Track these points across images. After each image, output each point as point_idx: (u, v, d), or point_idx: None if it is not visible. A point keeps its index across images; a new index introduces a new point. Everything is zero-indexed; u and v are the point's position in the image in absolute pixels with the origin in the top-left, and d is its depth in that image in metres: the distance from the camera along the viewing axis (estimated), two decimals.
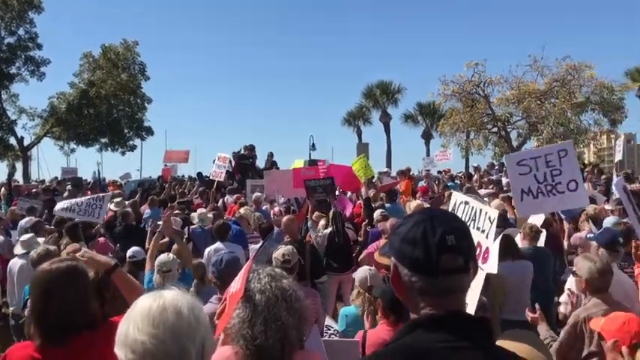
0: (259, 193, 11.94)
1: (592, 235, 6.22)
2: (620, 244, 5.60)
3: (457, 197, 4.44)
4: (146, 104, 37.42)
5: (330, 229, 8.24)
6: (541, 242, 6.73)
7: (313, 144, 29.03)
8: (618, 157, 16.23)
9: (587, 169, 16.53)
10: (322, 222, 8.75)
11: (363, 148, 22.86)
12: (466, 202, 4.22)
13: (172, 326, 1.64)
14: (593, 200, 9.68)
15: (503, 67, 45.28)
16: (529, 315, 4.24)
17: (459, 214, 4.20)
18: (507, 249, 5.72)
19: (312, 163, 15.38)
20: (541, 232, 6.74)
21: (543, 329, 4.01)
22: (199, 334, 1.69)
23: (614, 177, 10.92)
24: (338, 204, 9.78)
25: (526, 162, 6.09)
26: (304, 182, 9.61)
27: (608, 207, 8.64)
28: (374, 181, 14.57)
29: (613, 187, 9.76)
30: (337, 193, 11.56)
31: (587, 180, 14.12)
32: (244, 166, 17.47)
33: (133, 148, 38.24)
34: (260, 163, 18.78)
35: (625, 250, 5.75)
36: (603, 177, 14.76)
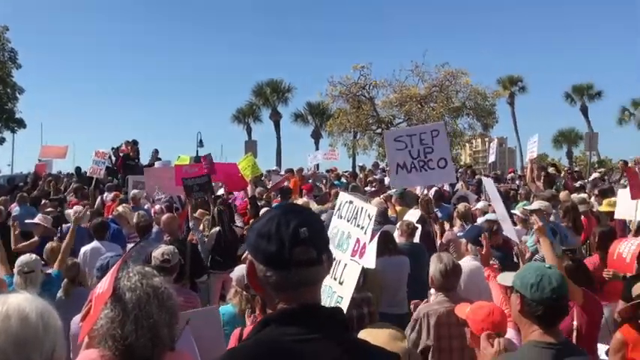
0: (137, 190, 11.46)
1: (461, 232, 6.63)
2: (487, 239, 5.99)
3: (343, 197, 4.56)
4: (17, 94, 34.79)
5: (217, 228, 8.08)
6: (417, 238, 7.06)
7: (201, 140, 28.52)
8: (492, 158, 17.47)
9: (460, 170, 17.60)
10: (206, 220, 8.57)
11: (251, 146, 22.66)
12: (350, 202, 4.34)
13: (16, 335, 1.51)
14: (465, 199, 10.33)
15: (388, 70, 47.17)
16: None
17: (343, 213, 4.31)
18: (385, 245, 5.94)
19: (197, 160, 15.04)
20: (417, 228, 7.06)
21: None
22: (48, 342, 1.56)
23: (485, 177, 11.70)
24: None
25: (402, 138, 6.47)
26: (182, 180, 9.35)
27: (478, 205, 9.22)
28: (262, 179, 14.53)
29: (484, 187, 10.49)
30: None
31: (460, 180, 15.03)
32: (129, 167, 16.60)
33: (1, 141, 35.48)
34: (144, 159, 18.08)
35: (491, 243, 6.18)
36: (476, 177, 15.80)
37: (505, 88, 45.52)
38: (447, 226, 8.46)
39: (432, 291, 4.52)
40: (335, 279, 3.87)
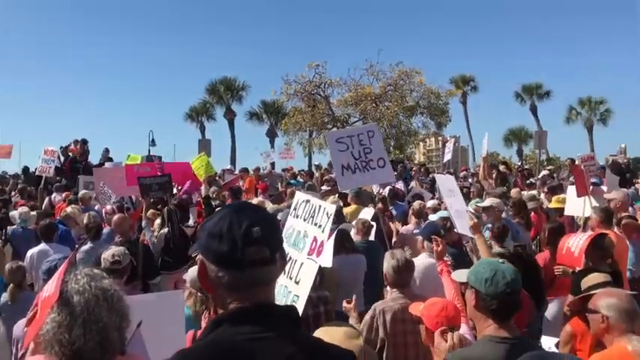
0: (86, 191, 11.13)
1: (417, 229, 6.70)
2: (442, 236, 6.07)
3: (299, 197, 4.53)
4: None
5: (166, 229, 7.90)
6: (372, 236, 7.09)
7: (153, 139, 27.93)
8: (447, 157, 17.80)
9: (414, 169, 17.85)
10: (158, 221, 8.37)
11: (205, 145, 22.37)
12: (307, 201, 4.32)
13: None
14: (420, 197, 10.47)
15: (343, 69, 47.47)
16: (344, 306, 4.37)
17: (300, 212, 4.29)
18: (342, 243, 5.94)
19: (149, 159, 14.71)
20: (372, 226, 7.09)
21: (353, 321, 4.17)
22: None
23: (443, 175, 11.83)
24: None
25: (343, 140, 6.53)
26: (138, 180, 9.11)
27: (429, 203, 9.34)
28: (217, 178, 14.35)
29: (437, 185, 10.63)
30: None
31: (414, 178, 15.25)
32: (76, 169, 16.01)
33: None
34: (94, 159, 17.54)
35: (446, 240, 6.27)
36: (430, 176, 16.05)
37: (458, 87, 46.50)
38: (398, 225, 8.55)
39: (388, 288, 4.53)
40: (291, 278, 3.83)
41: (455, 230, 6.50)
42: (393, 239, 8.16)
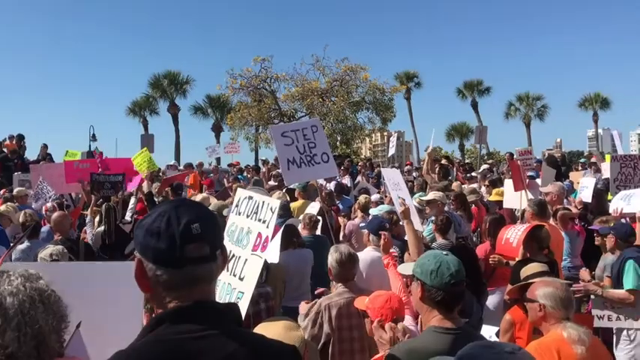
0: (22, 188, 10.67)
1: (363, 223, 6.77)
2: (387, 229, 6.17)
3: (241, 193, 4.48)
4: None
5: (102, 227, 7.66)
6: (319, 231, 7.12)
7: (94, 134, 27.11)
8: (391, 152, 18.09)
9: (360, 163, 18.03)
10: (98, 218, 8.11)
11: (148, 140, 21.80)
12: (250, 197, 4.29)
13: None
14: (367, 191, 10.58)
15: (289, 64, 47.33)
16: (303, 304, 4.38)
17: (242, 209, 4.24)
18: (289, 238, 5.94)
19: (90, 155, 14.23)
20: (319, 220, 7.13)
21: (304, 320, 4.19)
22: None
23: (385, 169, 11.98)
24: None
25: (288, 134, 6.53)
26: (91, 176, 8.83)
27: (373, 198, 9.46)
28: (160, 175, 14.04)
29: (383, 179, 10.78)
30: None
31: (361, 173, 15.40)
32: (7, 168, 15.27)
33: None
34: (32, 155, 16.84)
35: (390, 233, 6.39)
36: (376, 170, 16.24)
37: (402, 83, 47.14)
38: (345, 220, 8.62)
39: (333, 283, 4.56)
40: (234, 275, 3.80)
41: (401, 224, 6.61)
42: (341, 234, 8.23)
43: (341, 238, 7.94)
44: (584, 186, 8.59)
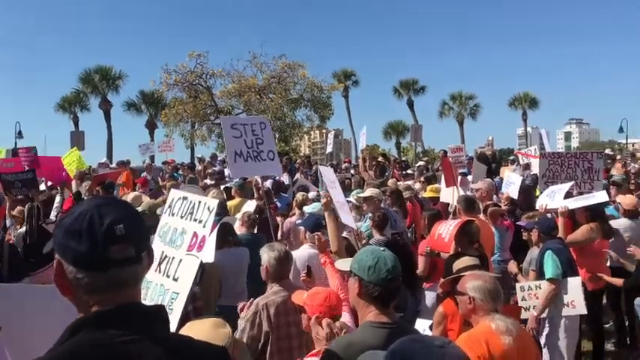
0: None
1: (300, 220, 6.77)
2: (323, 227, 6.20)
3: (174, 194, 4.38)
4: None
5: (24, 228, 7.29)
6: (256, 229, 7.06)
7: (20, 131, 25.91)
8: (329, 149, 18.21)
9: (299, 161, 18.05)
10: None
11: (78, 137, 20.95)
12: (184, 198, 4.20)
13: None
14: (306, 188, 10.59)
15: (225, 60, 46.79)
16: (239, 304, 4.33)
17: (176, 210, 4.16)
18: (225, 237, 5.86)
19: (15, 153, 13.54)
20: (257, 219, 7.07)
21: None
22: None
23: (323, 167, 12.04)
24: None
25: (238, 127, 6.50)
26: (0, 176, 8.38)
27: (310, 195, 9.48)
28: (90, 173, 13.53)
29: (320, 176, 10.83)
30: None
31: (299, 170, 15.41)
32: None
33: None
34: None
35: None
36: (314, 167, 16.29)
37: (340, 81, 47.54)
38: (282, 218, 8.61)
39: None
40: (168, 276, 3.72)
41: (339, 220, 6.68)
42: (279, 232, 8.20)
43: (279, 237, 7.90)
44: (511, 182, 8.93)
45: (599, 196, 6.58)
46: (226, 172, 13.90)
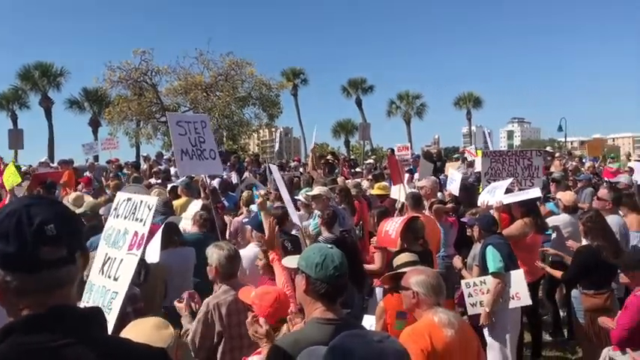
0: None
1: (247, 219, 6.75)
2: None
3: (120, 196, 4.31)
4: None
5: None
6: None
7: None
8: (276, 147, 18.20)
9: (247, 160, 17.93)
10: None
11: (16, 135, 20.14)
12: (128, 199, 4.14)
13: None
14: (254, 187, 10.52)
15: (171, 57, 45.95)
16: (176, 305, 4.26)
17: (121, 211, 4.11)
18: (170, 236, 5.77)
19: None
20: (209, 218, 7.01)
21: (186, 320, 4.10)
22: None
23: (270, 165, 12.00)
24: None
25: (182, 124, 6.41)
26: None
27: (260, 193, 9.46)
28: (29, 172, 13.05)
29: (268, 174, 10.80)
30: None
31: (247, 169, 15.31)
32: None
33: None
34: None
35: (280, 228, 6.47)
36: (262, 166, 16.22)
37: (289, 79, 47.50)
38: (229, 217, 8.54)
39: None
40: (109, 277, 3.65)
41: (289, 219, 6.68)
42: (227, 231, 8.11)
43: (227, 236, 7.83)
44: (453, 179, 9.14)
45: (533, 192, 6.84)
46: (172, 170, 13.67)
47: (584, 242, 5.81)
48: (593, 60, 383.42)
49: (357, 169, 15.84)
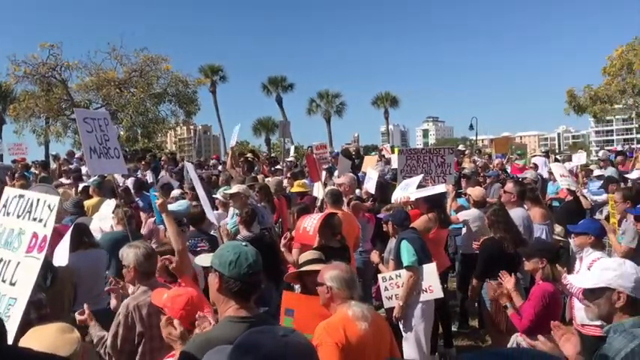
0: None
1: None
2: (184, 225, 6.09)
3: (9, 192, 4.07)
4: None
5: None
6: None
7: None
8: (195, 145, 17.83)
9: (163, 158, 17.49)
10: None
11: None
12: (20, 196, 3.92)
13: None
14: (170, 186, 10.28)
15: (82, 52, 44.00)
16: (78, 318, 4.10)
17: (12, 209, 3.90)
18: (80, 238, 5.53)
19: None
20: (133, 216, 6.81)
21: (95, 330, 3.95)
22: None
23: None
24: None
25: (89, 121, 6.14)
26: None
27: (174, 193, 9.27)
28: None
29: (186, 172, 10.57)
30: None
31: (163, 168, 14.94)
32: None
33: None
34: None
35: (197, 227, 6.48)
36: (179, 165, 15.88)
37: (207, 76, 46.67)
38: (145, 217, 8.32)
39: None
40: (4, 281, 3.43)
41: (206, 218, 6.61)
42: (143, 231, 7.89)
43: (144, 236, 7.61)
44: (369, 177, 9.33)
45: (438, 188, 7.12)
46: (84, 170, 13.11)
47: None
48: (504, 61, 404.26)
49: (277, 167, 15.84)
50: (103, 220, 7.02)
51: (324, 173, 11.01)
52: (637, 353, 2.48)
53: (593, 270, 2.83)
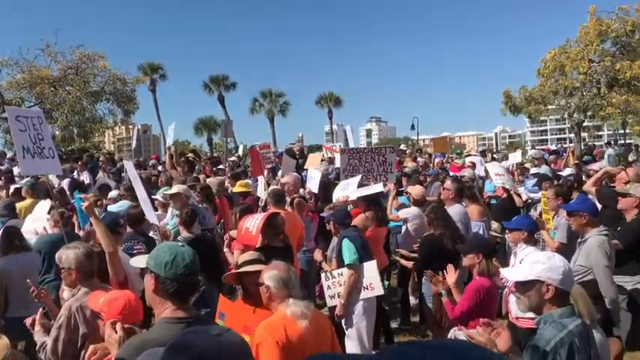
0: None
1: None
2: (121, 226, 5.95)
3: None
4: None
5: None
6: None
7: None
8: (133, 144, 17.47)
9: (101, 158, 17.02)
10: None
11: None
12: None
13: None
14: (108, 187, 10.03)
15: (13, 48, 42.16)
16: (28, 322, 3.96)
17: None
18: (10, 241, 5.37)
19: None
20: (72, 217, 6.63)
21: (39, 335, 3.83)
22: None
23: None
24: None
25: (21, 119, 5.91)
26: None
27: (112, 194, 9.06)
28: None
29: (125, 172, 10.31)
30: None
31: (101, 168, 14.54)
32: None
33: None
34: None
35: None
36: (117, 165, 15.49)
37: (146, 74, 45.62)
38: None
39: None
40: None
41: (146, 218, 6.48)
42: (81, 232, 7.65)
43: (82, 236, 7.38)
44: (312, 177, 9.37)
45: (376, 187, 7.26)
46: (16, 170, 12.57)
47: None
48: (444, 62, 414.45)
49: (220, 167, 15.66)
50: (37, 221, 6.77)
51: (266, 173, 11.00)
52: (566, 342, 2.62)
53: (524, 263, 2.95)
